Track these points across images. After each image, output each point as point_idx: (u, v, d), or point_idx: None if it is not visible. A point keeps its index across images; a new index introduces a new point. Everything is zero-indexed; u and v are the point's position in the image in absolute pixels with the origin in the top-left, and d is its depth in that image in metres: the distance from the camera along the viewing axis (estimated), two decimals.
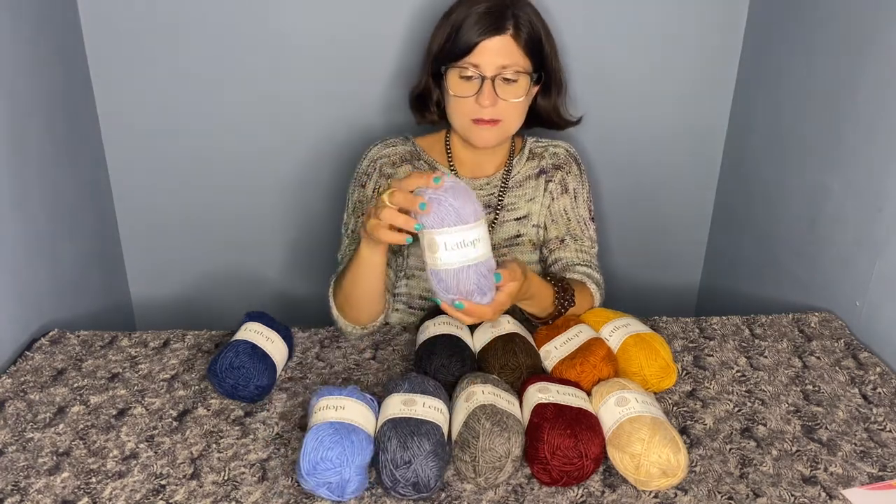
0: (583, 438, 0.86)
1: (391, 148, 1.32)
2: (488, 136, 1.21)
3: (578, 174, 1.34)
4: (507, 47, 1.16)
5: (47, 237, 1.32)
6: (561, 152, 1.34)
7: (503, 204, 1.31)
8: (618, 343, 1.06)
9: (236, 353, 1.02)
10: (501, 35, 1.15)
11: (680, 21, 1.58)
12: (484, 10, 1.16)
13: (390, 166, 1.30)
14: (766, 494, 0.86)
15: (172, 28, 1.51)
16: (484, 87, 1.16)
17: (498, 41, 1.15)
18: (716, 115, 1.68)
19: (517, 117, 1.22)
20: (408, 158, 1.31)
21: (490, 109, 1.17)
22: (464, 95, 1.18)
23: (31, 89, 1.29)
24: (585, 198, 1.34)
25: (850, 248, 1.24)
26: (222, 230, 1.70)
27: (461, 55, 1.16)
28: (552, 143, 1.35)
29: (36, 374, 1.09)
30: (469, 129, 1.21)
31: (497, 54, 1.15)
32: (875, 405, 1.02)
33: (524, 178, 1.32)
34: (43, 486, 0.87)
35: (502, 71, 1.16)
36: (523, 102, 1.21)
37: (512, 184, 1.32)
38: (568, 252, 1.30)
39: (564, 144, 1.36)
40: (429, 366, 1.03)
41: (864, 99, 1.21)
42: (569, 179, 1.33)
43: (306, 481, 0.84)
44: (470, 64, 1.16)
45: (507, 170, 1.32)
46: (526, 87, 1.19)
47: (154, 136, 1.60)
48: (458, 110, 1.20)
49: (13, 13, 1.23)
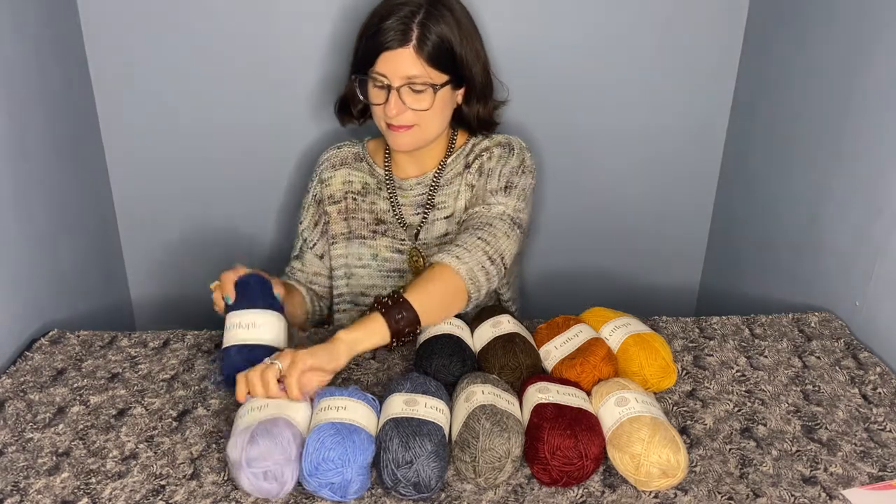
0: (583, 438, 0.86)
1: (337, 150, 1.38)
2: (403, 141, 1.23)
3: (501, 156, 1.27)
4: (409, 59, 1.16)
5: (47, 237, 1.32)
6: (489, 143, 1.30)
7: (434, 203, 1.32)
8: (618, 343, 1.06)
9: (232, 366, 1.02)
10: (404, 47, 1.15)
11: (680, 21, 1.58)
12: (390, 21, 1.16)
13: (329, 169, 1.37)
14: (766, 494, 0.86)
15: (172, 28, 1.51)
16: (390, 97, 1.17)
17: (400, 53, 1.16)
18: (716, 115, 1.68)
19: (433, 122, 1.22)
20: (349, 161, 1.37)
21: (401, 116, 1.19)
22: (376, 103, 1.21)
23: (32, 89, 1.29)
24: (502, 173, 1.25)
25: (850, 248, 1.24)
26: (222, 230, 1.70)
27: (368, 65, 1.18)
28: (489, 137, 1.32)
29: (36, 374, 1.09)
30: (387, 134, 1.24)
31: (400, 66, 1.16)
32: (875, 405, 1.02)
33: (454, 176, 1.32)
34: (43, 486, 0.87)
35: (408, 81, 1.17)
36: (434, 110, 1.20)
37: (443, 182, 1.32)
38: (468, 218, 1.24)
39: (500, 136, 1.32)
40: (429, 366, 1.03)
41: (865, 99, 1.21)
42: (486, 163, 1.28)
43: (308, 482, 0.84)
44: (377, 73, 1.18)
45: (439, 169, 1.32)
46: (431, 99, 1.19)
47: (154, 136, 1.60)
48: (376, 116, 1.24)
49: (14, 13, 1.23)
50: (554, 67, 1.59)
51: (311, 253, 1.38)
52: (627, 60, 1.61)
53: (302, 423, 0.89)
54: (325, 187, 1.36)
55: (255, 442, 0.83)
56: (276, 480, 0.83)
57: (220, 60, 1.54)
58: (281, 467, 0.83)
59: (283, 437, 0.84)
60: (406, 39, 1.15)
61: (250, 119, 1.60)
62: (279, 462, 0.83)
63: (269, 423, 0.85)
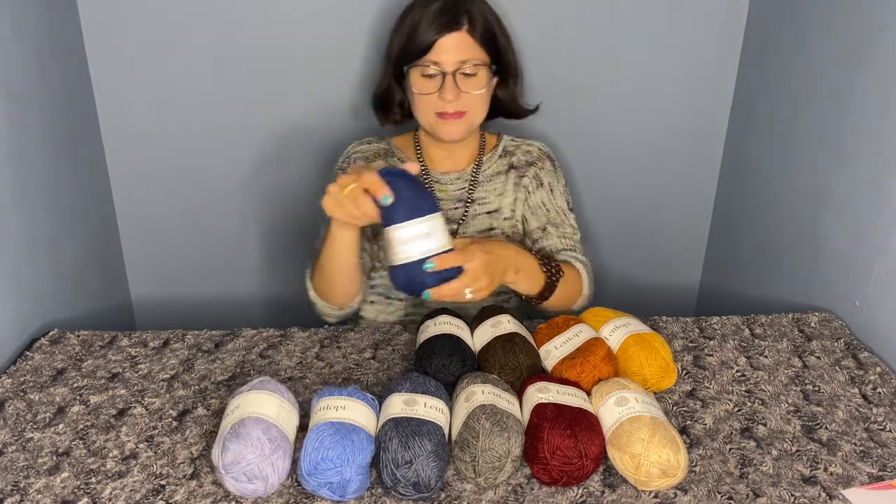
0: (583, 438, 0.86)
1: (366, 145, 1.37)
2: (454, 130, 1.25)
3: (552, 170, 1.37)
4: (464, 42, 1.20)
5: (48, 237, 1.32)
6: (534, 150, 1.38)
7: (473, 198, 1.35)
8: (618, 343, 1.06)
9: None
10: (458, 31, 1.19)
11: (680, 21, 1.58)
12: (438, 8, 1.20)
13: (363, 160, 1.35)
14: (766, 494, 0.86)
15: (172, 28, 1.51)
16: (446, 82, 1.20)
17: (455, 37, 1.19)
18: (716, 115, 1.68)
19: (480, 108, 1.26)
20: (382, 155, 1.36)
21: (454, 103, 1.21)
22: (427, 92, 1.22)
23: (32, 89, 1.29)
24: (562, 191, 1.37)
25: (850, 248, 1.24)
26: (222, 230, 1.70)
27: (421, 54, 1.20)
28: (525, 142, 1.39)
29: (36, 374, 1.09)
30: (435, 125, 1.25)
31: (455, 50, 1.19)
32: (875, 405, 1.02)
33: (494, 174, 1.36)
34: (43, 486, 0.87)
35: (462, 66, 1.20)
36: (485, 93, 1.24)
37: (482, 178, 1.35)
38: (551, 240, 1.33)
39: (537, 143, 1.40)
40: (429, 366, 1.03)
41: (864, 99, 1.21)
42: (542, 174, 1.36)
43: (307, 482, 0.84)
44: (430, 62, 1.20)
45: (476, 165, 1.35)
46: (486, 79, 1.23)
47: (154, 137, 1.60)
48: (423, 107, 1.24)
49: (14, 14, 1.23)
50: (553, 67, 1.59)
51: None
52: (627, 60, 1.61)
53: (272, 415, 0.88)
54: None
55: (227, 448, 0.84)
56: (257, 479, 0.83)
57: (219, 60, 1.55)
58: (258, 465, 0.83)
59: (253, 436, 0.84)
60: (459, 23, 1.19)
61: (250, 119, 1.60)
62: (253, 461, 0.83)
63: (237, 426, 0.85)
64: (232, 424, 0.86)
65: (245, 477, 0.83)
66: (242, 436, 0.84)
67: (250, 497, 0.85)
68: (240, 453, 0.83)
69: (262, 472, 0.83)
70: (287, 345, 1.17)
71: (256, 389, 0.91)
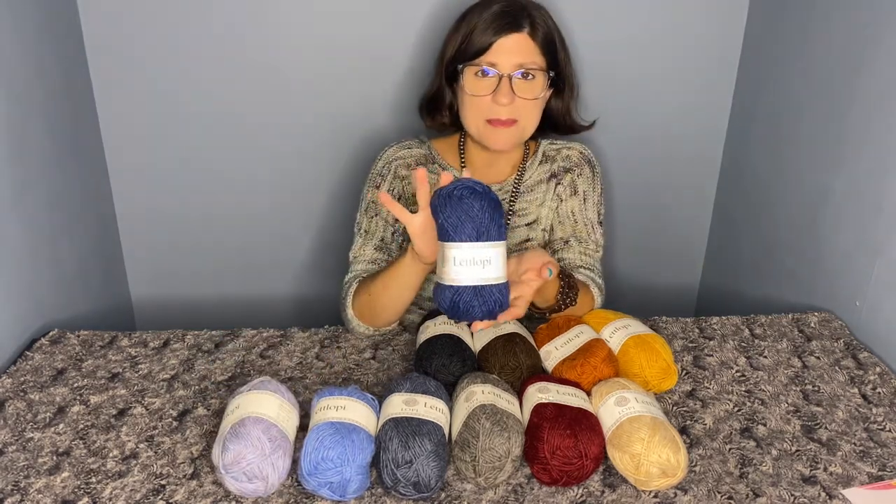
0: (583, 438, 0.86)
1: (406, 150, 1.31)
2: (504, 139, 1.20)
3: (590, 177, 1.32)
4: (525, 44, 1.16)
5: (47, 237, 1.32)
6: (574, 154, 1.32)
7: (514, 209, 1.30)
8: (618, 344, 1.06)
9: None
10: (519, 32, 1.16)
11: (680, 21, 1.58)
12: (500, 9, 1.17)
13: (405, 168, 1.29)
14: (765, 494, 0.86)
15: (172, 28, 1.51)
16: (501, 84, 1.15)
17: (515, 38, 1.16)
18: (716, 115, 1.68)
19: (533, 118, 1.21)
20: (422, 161, 1.31)
21: (507, 108, 1.16)
22: (480, 94, 1.17)
23: (32, 89, 1.29)
24: (596, 201, 1.32)
25: (850, 248, 1.24)
26: (222, 230, 1.70)
27: (478, 54, 1.16)
28: (566, 146, 1.33)
29: (36, 373, 1.09)
30: (484, 131, 1.20)
31: (514, 51, 1.16)
32: (875, 405, 1.02)
33: (536, 183, 1.31)
34: (43, 486, 0.87)
35: (519, 68, 1.16)
36: (539, 102, 1.20)
37: (524, 188, 1.30)
38: (571, 254, 1.30)
39: (579, 146, 1.33)
40: (429, 366, 1.03)
41: (864, 98, 1.21)
42: (579, 182, 1.31)
43: (307, 481, 0.84)
44: (487, 62, 1.16)
45: (519, 174, 1.30)
46: (542, 85, 1.19)
47: (154, 137, 1.60)
48: (473, 111, 1.19)
49: (14, 13, 1.23)
50: None
51: (396, 243, 1.30)
52: (626, 60, 1.61)
53: (272, 415, 0.88)
54: (407, 185, 1.29)
55: (227, 448, 0.84)
56: (258, 478, 0.83)
57: (219, 60, 1.54)
58: (258, 465, 0.83)
59: (253, 435, 0.84)
60: (521, 26, 1.16)
61: (250, 119, 1.60)
62: (253, 461, 0.83)
63: (237, 426, 0.86)
64: (232, 424, 0.86)
65: (245, 477, 0.83)
66: (242, 436, 0.84)
67: (250, 497, 0.85)
68: (240, 453, 0.83)
69: (262, 472, 0.83)
70: (287, 345, 1.17)
71: (256, 389, 0.91)
